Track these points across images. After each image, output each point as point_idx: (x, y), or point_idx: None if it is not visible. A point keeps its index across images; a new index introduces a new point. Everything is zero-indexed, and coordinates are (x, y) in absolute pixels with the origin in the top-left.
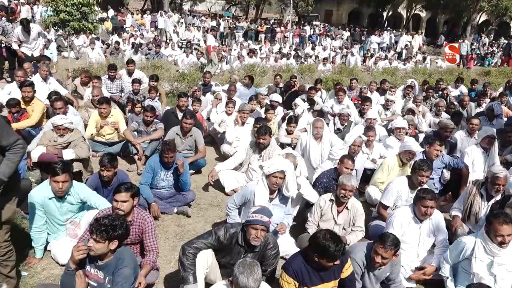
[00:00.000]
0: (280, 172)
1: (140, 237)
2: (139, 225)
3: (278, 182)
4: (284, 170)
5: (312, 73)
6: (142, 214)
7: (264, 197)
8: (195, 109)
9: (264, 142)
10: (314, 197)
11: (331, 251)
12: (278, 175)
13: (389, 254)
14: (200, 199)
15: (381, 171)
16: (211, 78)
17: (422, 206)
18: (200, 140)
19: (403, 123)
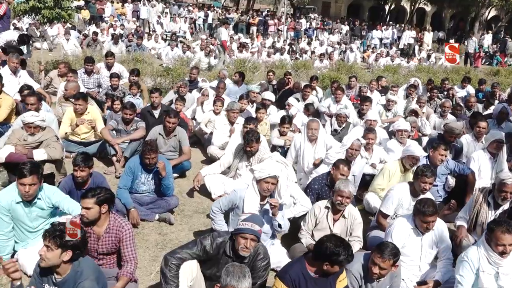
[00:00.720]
0: (272, 178)
1: (117, 246)
2: (116, 233)
3: (270, 188)
4: (276, 175)
5: (307, 69)
6: (119, 221)
7: (254, 204)
8: (177, 108)
9: (252, 150)
10: (306, 203)
11: (342, 257)
12: (270, 181)
13: (387, 265)
14: (184, 205)
15: (381, 177)
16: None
17: (423, 221)
18: (185, 141)
19: (406, 125)
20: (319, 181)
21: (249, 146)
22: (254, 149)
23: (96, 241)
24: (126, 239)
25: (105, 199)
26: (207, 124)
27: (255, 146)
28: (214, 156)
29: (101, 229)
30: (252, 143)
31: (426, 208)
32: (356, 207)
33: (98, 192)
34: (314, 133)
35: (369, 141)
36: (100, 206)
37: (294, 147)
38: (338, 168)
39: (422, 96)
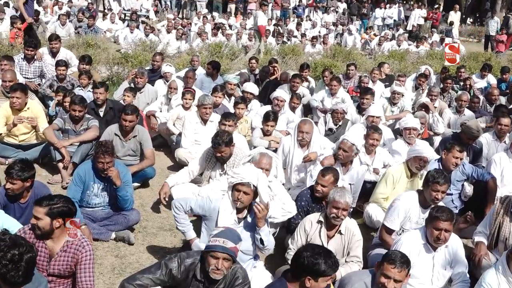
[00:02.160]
0: (245, 185)
1: (73, 269)
2: (74, 254)
3: (240, 198)
4: (250, 182)
5: (297, 56)
6: (80, 239)
7: (229, 217)
8: (126, 100)
9: (223, 155)
10: (290, 207)
11: (323, 266)
12: (241, 189)
13: (402, 276)
14: (146, 221)
15: (384, 184)
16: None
17: (435, 228)
18: (147, 143)
19: (414, 123)
20: (305, 195)
21: (218, 150)
22: (225, 154)
23: (47, 260)
24: (84, 262)
25: (60, 213)
26: (175, 122)
27: (225, 150)
28: (183, 161)
29: (56, 246)
30: (220, 147)
31: (441, 213)
32: (355, 221)
33: (55, 202)
34: (305, 138)
35: (373, 142)
36: (53, 219)
37: (282, 151)
38: (318, 178)
39: (434, 88)
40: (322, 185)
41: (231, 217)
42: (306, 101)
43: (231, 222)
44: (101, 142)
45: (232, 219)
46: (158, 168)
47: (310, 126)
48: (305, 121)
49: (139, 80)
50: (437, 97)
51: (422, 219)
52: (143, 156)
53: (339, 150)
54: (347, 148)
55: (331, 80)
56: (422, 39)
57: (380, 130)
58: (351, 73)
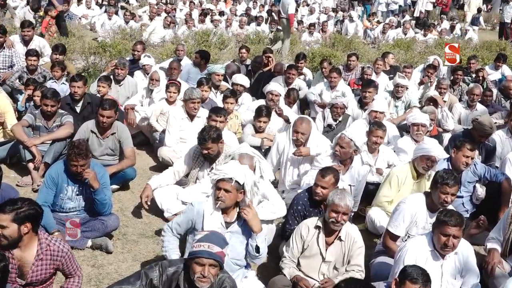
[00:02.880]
0: (225, 181)
1: (54, 272)
2: (53, 260)
3: (221, 197)
4: (233, 178)
5: (293, 45)
6: (54, 243)
7: (215, 221)
8: (100, 91)
9: (210, 153)
10: (279, 208)
11: None
12: (221, 185)
13: None
14: (126, 228)
15: (388, 186)
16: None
17: (442, 234)
18: (127, 141)
19: (423, 118)
20: (302, 199)
21: (204, 147)
22: (212, 151)
23: (15, 271)
24: (68, 262)
25: (27, 217)
26: (159, 118)
27: (211, 147)
28: (167, 160)
29: (26, 254)
30: (206, 143)
31: (449, 218)
32: (357, 226)
33: (19, 206)
34: (300, 138)
35: (376, 140)
36: (20, 225)
37: (277, 149)
38: (317, 179)
39: (443, 80)
40: (322, 186)
41: (217, 220)
42: (303, 95)
43: (217, 226)
44: (74, 143)
45: (218, 222)
46: (139, 169)
47: (307, 126)
48: (301, 119)
49: (120, 72)
50: (446, 91)
51: (430, 224)
52: (123, 155)
53: (336, 146)
54: (345, 144)
55: (330, 72)
56: (431, 27)
57: (384, 127)
58: (352, 64)
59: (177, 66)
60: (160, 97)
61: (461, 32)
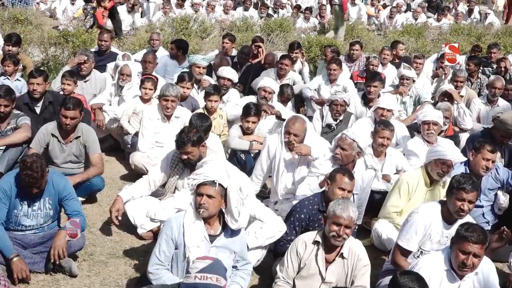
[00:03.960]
0: (207, 186)
1: None
2: None
3: (203, 204)
4: (216, 181)
5: (286, 33)
6: None
7: (198, 234)
8: (65, 89)
9: (190, 158)
10: (277, 223)
11: None
12: (203, 191)
13: None
14: (93, 247)
15: (397, 194)
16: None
17: (461, 251)
18: (94, 145)
19: (435, 115)
20: (307, 206)
21: (183, 151)
22: (193, 156)
23: None
24: None
25: None
26: (131, 119)
27: (192, 151)
28: (140, 168)
29: None
30: (185, 147)
31: (470, 233)
32: (361, 241)
33: None
34: (292, 140)
35: (383, 141)
36: None
37: (267, 154)
38: (334, 180)
39: (460, 72)
40: (349, 190)
41: (200, 234)
42: (298, 90)
43: (200, 240)
44: (25, 162)
45: (201, 236)
46: (108, 178)
47: (300, 126)
48: (294, 119)
49: (84, 66)
50: (463, 84)
51: (446, 237)
52: (89, 162)
53: (336, 148)
54: (346, 145)
55: (329, 63)
56: (445, 10)
57: (392, 126)
58: (355, 53)
59: (152, 58)
60: (132, 95)
61: (481, 16)
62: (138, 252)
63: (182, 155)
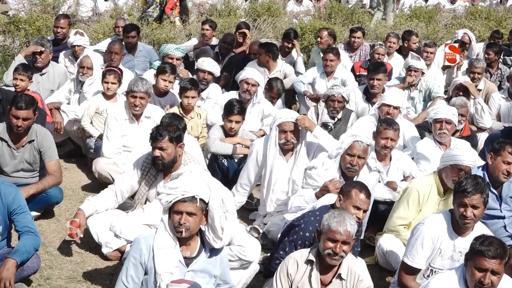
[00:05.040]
0: (187, 203)
1: None
2: None
3: (184, 223)
4: (197, 196)
5: (275, 17)
6: None
7: (172, 258)
8: (17, 86)
9: (164, 155)
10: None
11: None
12: (182, 208)
13: None
14: (50, 269)
15: (405, 205)
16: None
17: (477, 268)
18: (50, 151)
19: (449, 112)
20: (313, 223)
21: (157, 146)
22: (167, 155)
23: None
24: None
25: None
26: (93, 119)
27: (167, 147)
28: (105, 176)
29: None
30: (160, 140)
31: (486, 247)
32: (363, 260)
33: None
34: (291, 140)
35: (386, 143)
36: None
37: (256, 161)
38: (349, 196)
39: (477, 62)
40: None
41: (174, 257)
42: (290, 85)
43: (174, 265)
44: None
45: (175, 260)
46: (67, 189)
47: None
48: (287, 113)
49: (40, 57)
50: (481, 76)
51: (460, 252)
52: (44, 171)
53: (348, 158)
54: (362, 152)
55: (325, 53)
56: None
57: (396, 125)
58: (356, 42)
59: (119, 49)
60: (95, 91)
61: None
62: (103, 275)
63: (155, 151)
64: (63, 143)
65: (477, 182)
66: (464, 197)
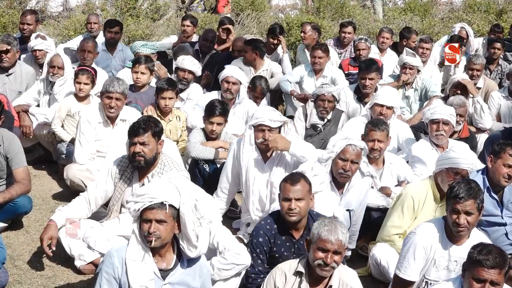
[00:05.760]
0: (155, 210)
1: None
2: None
3: (154, 232)
4: (165, 202)
5: (259, 12)
6: None
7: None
8: None
9: (144, 150)
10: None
11: None
12: (151, 216)
13: None
14: (19, 284)
15: (399, 212)
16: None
17: (475, 279)
18: (18, 157)
19: (446, 112)
20: (263, 227)
21: (138, 139)
22: (149, 151)
23: None
24: None
25: None
26: (64, 123)
27: (148, 142)
28: (78, 184)
29: None
30: (142, 134)
31: (485, 256)
32: (355, 271)
33: None
34: (268, 139)
35: (373, 145)
36: None
37: (233, 160)
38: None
39: (476, 58)
40: (297, 198)
41: (147, 270)
42: (276, 84)
43: (149, 278)
44: None
45: (149, 273)
46: (37, 198)
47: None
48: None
49: (6, 56)
50: (481, 73)
51: (455, 262)
52: (12, 178)
53: (341, 163)
54: (355, 157)
55: (313, 49)
56: None
57: (383, 126)
58: (347, 37)
59: (92, 47)
60: (66, 92)
61: None
62: None
63: (135, 147)
64: (32, 149)
65: (470, 187)
66: (456, 203)
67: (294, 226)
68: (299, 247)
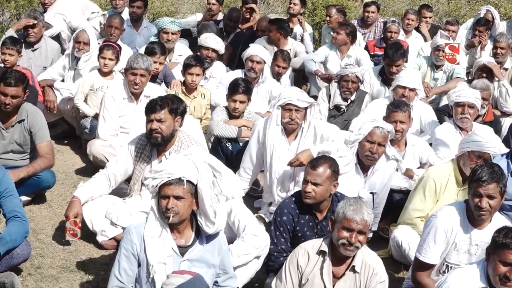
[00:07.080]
0: (173, 185)
1: None
2: None
3: (172, 208)
4: (183, 178)
5: None
6: None
7: (164, 247)
8: (8, 61)
9: (162, 128)
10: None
11: None
12: (169, 192)
13: None
14: (41, 258)
15: (421, 195)
16: None
17: (502, 262)
18: (42, 132)
19: (472, 96)
20: (288, 205)
21: (155, 116)
22: (166, 128)
23: None
24: None
25: None
26: (88, 98)
27: (165, 119)
28: (101, 160)
29: None
30: (159, 111)
31: (510, 238)
32: (377, 253)
33: None
34: (296, 119)
35: (395, 126)
36: None
37: (257, 141)
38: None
39: (501, 37)
40: (314, 183)
41: (167, 246)
42: (300, 63)
43: (167, 254)
44: None
45: (167, 249)
46: (61, 172)
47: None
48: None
49: (32, 31)
50: (506, 52)
51: (476, 245)
52: (35, 153)
53: (368, 145)
54: (382, 139)
55: (338, 29)
56: None
57: (405, 107)
58: (370, 17)
59: (118, 23)
60: (91, 68)
61: None
62: (98, 264)
63: (152, 123)
64: (56, 124)
65: (493, 170)
66: (479, 186)
67: (317, 207)
68: (321, 228)
